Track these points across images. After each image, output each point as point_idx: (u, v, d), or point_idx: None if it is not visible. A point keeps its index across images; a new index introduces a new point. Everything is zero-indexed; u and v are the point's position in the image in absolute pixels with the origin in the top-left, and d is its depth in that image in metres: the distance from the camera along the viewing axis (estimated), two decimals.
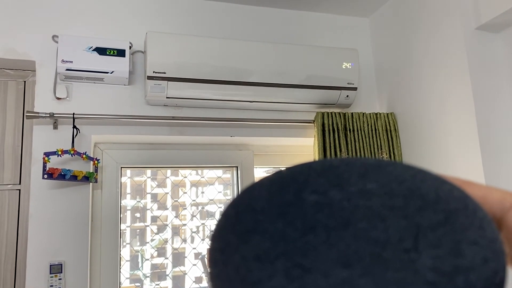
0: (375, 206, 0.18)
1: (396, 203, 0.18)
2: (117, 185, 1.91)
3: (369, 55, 2.33)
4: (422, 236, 0.17)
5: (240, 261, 0.17)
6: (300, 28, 2.23)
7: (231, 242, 0.18)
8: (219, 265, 0.18)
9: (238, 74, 1.85)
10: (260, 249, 0.17)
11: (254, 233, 0.18)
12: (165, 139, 1.96)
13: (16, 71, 1.86)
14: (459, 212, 0.18)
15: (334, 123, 1.99)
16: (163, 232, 2.05)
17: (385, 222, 0.17)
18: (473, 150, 1.65)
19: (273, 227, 0.18)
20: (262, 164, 2.22)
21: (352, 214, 0.17)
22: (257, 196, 0.19)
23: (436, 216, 0.17)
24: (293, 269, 0.16)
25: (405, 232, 0.17)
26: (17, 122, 1.82)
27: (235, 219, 0.19)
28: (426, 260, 0.16)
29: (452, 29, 1.76)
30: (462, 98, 1.71)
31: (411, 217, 0.17)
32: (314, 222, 0.18)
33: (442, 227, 0.17)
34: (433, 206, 0.18)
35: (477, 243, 0.17)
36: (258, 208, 0.19)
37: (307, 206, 0.18)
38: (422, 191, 0.18)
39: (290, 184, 0.19)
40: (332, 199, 0.18)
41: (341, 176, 0.19)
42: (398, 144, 2.05)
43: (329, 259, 0.17)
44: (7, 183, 1.77)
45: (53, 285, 1.62)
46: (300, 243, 0.17)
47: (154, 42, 1.75)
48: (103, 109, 1.83)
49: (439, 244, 0.17)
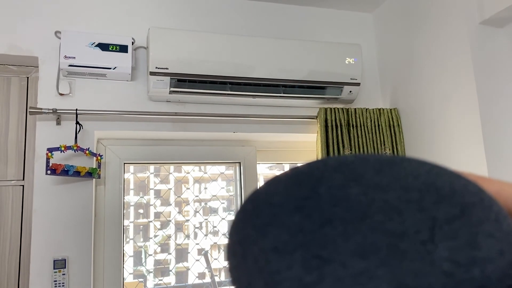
0: (391, 199, 0.18)
1: (412, 197, 0.18)
2: (120, 181, 1.92)
3: (372, 51, 2.32)
4: (438, 229, 0.17)
5: (258, 253, 0.18)
6: (304, 23, 2.22)
7: (250, 235, 0.19)
8: (238, 257, 0.19)
9: (241, 69, 1.84)
10: (278, 241, 0.18)
11: (272, 226, 0.18)
12: (168, 135, 1.97)
13: (19, 67, 1.86)
14: (474, 205, 0.18)
15: (337, 119, 1.98)
16: (166, 228, 2.05)
17: (401, 215, 0.17)
18: (476, 145, 1.65)
19: (290, 220, 0.18)
20: (265, 160, 2.22)
21: (369, 207, 0.18)
22: (274, 191, 0.20)
23: (452, 209, 0.18)
24: (311, 260, 0.17)
25: (421, 224, 0.17)
26: (20, 118, 1.83)
27: (253, 213, 0.19)
28: (443, 252, 0.17)
29: (456, 24, 1.75)
30: (466, 94, 1.70)
31: (427, 210, 0.18)
32: (331, 215, 0.18)
33: (458, 220, 0.17)
34: (449, 199, 0.18)
35: (493, 235, 0.17)
36: (276, 202, 0.19)
37: (324, 200, 0.19)
38: (437, 185, 0.19)
39: (306, 179, 0.20)
40: (348, 193, 0.18)
41: (357, 171, 0.19)
42: (401, 140, 2.04)
43: (346, 250, 0.17)
44: (10, 179, 1.77)
45: (56, 280, 1.63)
46: (318, 235, 0.17)
47: (157, 38, 1.75)
48: (106, 105, 1.83)
49: (455, 236, 0.17)
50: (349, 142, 1.98)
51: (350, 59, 1.98)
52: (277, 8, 2.20)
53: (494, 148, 1.62)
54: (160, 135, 1.96)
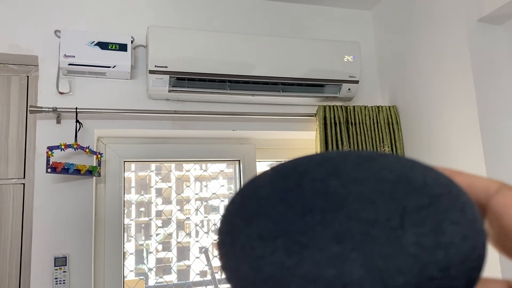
0: (366, 191, 0.20)
1: (385, 188, 0.20)
2: (120, 179, 1.93)
3: (371, 48, 2.32)
4: (408, 217, 0.19)
5: (245, 241, 0.20)
6: (303, 21, 2.23)
7: (237, 225, 0.20)
8: (227, 246, 0.20)
9: (240, 68, 1.85)
10: (263, 230, 0.20)
11: (258, 217, 0.20)
12: (168, 133, 1.97)
13: (19, 66, 1.87)
14: (443, 196, 0.20)
15: (336, 117, 1.99)
16: (167, 227, 2.07)
17: (375, 205, 0.19)
18: (474, 142, 1.65)
19: (274, 210, 0.20)
20: (264, 157, 2.23)
21: (346, 198, 0.20)
22: (261, 184, 0.21)
23: (421, 199, 0.19)
24: (292, 246, 0.19)
25: (392, 213, 0.19)
26: (20, 116, 1.84)
27: (241, 205, 0.21)
28: (410, 237, 0.18)
29: (454, 21, 1.75)
30: (464, 91, 1.70)
31: (398, 200, 0.19)
32: (312, 205, 0.20)
33: (426, 209, 0.19)
34: (419, 191, 0.20)
35: (458, 223, 0.19)
36: (262, 194, 0.21)
37: (306, 192, 0.20)
38: (410, 178, 0.20)
39: (291, 173, 0.21)
40: (328, 185, 0.20)
41: (338, 166, 0.21)
42: (400, 137, 2.05)
43: (324, 236, 0.19)
44: (11, 177, 1.79)
45: (57, 277, 1.64)
46: (299, 223, 0.19)
47: (156, 37, 1.76)
48: (105, 103, 1.84)
49: (422, 223, 0.18)
50: (348, 140, 1.99)
51: (349, 57, 1.98)
52: (276, 6, 2.20)
53: (492, 145, 1.63)
54: (160, 133, 1.97)
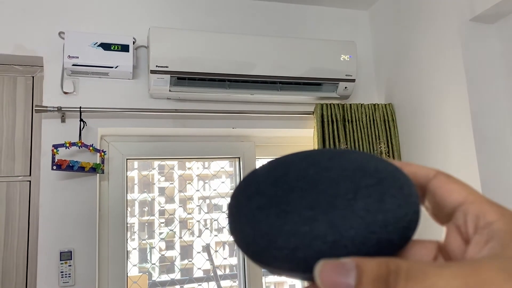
0: (333, 176, 0.27)
1: (346, 174, 0.27)
2: (123, 176, 1.98)
3: (368, 47, 2.37)
4: (360, 192, 0.26)
5: (247, 210, 0.27)
6: (300, 21, 2.28)
7: (242, 200, 0.28)
8: (234, 215, 0.28)
9: (239, 67, 1.90)
10: (260, 203, 0.27)
11: (256, 195, 0.28)
12: (169, 131, 2.03)
13: (24, 67, 1.93)
14: (387, 178, 0.27)
15: (333, 114, 2.03)
16: (171, 225, 2.11)
17: (338, 184, 0.27)
18: (467, 138, 1.70)
19: (268, 190, 0.27)
20: (263, 155, 2.28)
21: (318, 180, 0.27)
22: (259, 173, 0.29)
23: (371, 180, 0.27)
24: (280, 213, 0.26)
25: (349, 189, 0.26)
26: (26, 116, 1.89)
27: (245, 187, 0.29)
28: (361, 205, 0.25)
29: (447, 21, 1.80)
30: (457, 89, 1.75)
31: (354, 182, 0.27)
32: (294, 186, 0.27)
33: (374, 186, 0.26)
34: (370, 175, 0.27)
35: (396, 196, 0.26)
36: (260, 180, 0.28)
37: (291, 177, 0.28)
38: (365, 167, 0.28)
39: (281, 165, 0.29)
40: (307, 173, 0.28)
41: (315, 159, 0.29)
42: (396, 134, 2.10)
43: (301, 206, 0.26)
44: (18, 175, 1.84)
45: (63, 271, 1.70)
46: (285, 198, 0.27)
47: (157, 37, 1.81)
48: (108, 102, 1.89)
49: (370, 196, 0.26)
50: (345, 137, 2.03)
51: (345, 56, 2.03)
52: (274, 7, 2.25)
53: (483, 140, 1.67)
54: (161, 131, 2.02)
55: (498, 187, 1.65)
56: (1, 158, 1.83)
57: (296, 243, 0.25)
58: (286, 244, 0.25)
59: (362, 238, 0.24)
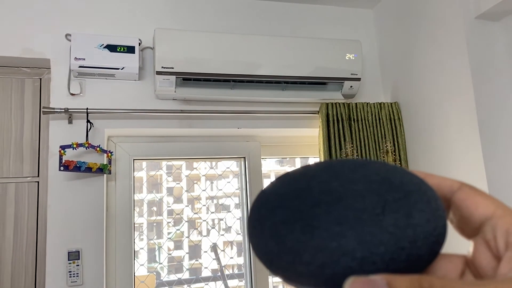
0: (358, 188, 0.27)
1: (372, 187, 0.27)
2: (130, 176, 2.00)
3: (373, 46, 2.36)
4: (388, 206, 0.26)
5: (271, 225, 0.26)
6: (305, 21, 2.28)
7: (264, 214, 0.27)
8: (257, 229, 0.27)
9: (244, 67, 1.91)
10: (284, 217, 0.26)
11: (279, 208, 0.27)
12: (175, 131, 2.04)
13: (32, 69, 1.95)
14: (414, 192, 0.27)
15: (339, 114, 2.03)
16: (179, 225, 2.12)
17: (364, 198, 0.26)
18: (473, 137, 1.69)
19: (292, 203, 0.26)
20: (269, 154, 2.28)
21: (344, 194, 0.26)
22: (280, 185, 0.28)
23: (398, 194, 0.26)
24: (306, 227, 0.25)
25: (376, 204, 0.26)
26: (34, 117, 1.92)
27: (266, 200, 0.28)
28: (389, 220, 0.25)
29: (453, 19, 1.79)
30: (463, 87, 1.74)
31: (381, 195, 0.26)
32: (319, 199, 0.26)
33: (401, 200, 0.26)
34: (397, 188, 0.27)
35: (423, 210, 0.26)
36: (281, 192, 0.28)
37: (314, 190, 0.27)
38: (391, 179, 0.27)
39: (302, 177, 0.28)
40: (331, 185, 0.27)
41: (337, 170, 0.28)
42: (402, 133, 2.09)
43: (328, 221, 0.25)
44: (26, 176, 1.87)
45: (71, 271, 1.72)
46: (310, 212, 0.26)
47: (162, 39, 1.82)
48: (115, 103, 1.91)
49: (398, 210, 0.25)
50: (350, 136, 2.03)
51: (351, 55, 2.03)
52: (279, 7, 2.25)
53: (489, 139, 1.66)
54: (167, 132, 2.03)
55: (506, 186, 1.63)
56: (10, 159, 1.86)
57: (324, 259, 0.24)
58: (313, 260, 0.24)
59: (392, 254, 0.24)
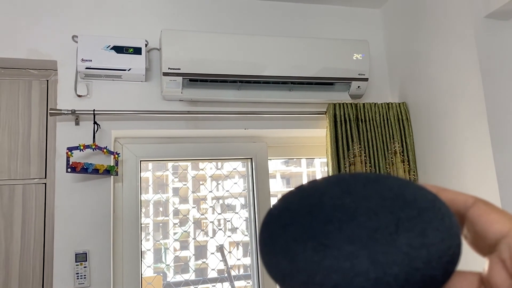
0: (371, 205, 0.26)
1: (386, 204, 0.26)
2: (136, 177, 2.00)
3: (381, 46, 2.35)
4: (401, 224, 0.25)
5: (283, 243, 0.26)
6: (312, 21, 2.27)
7: (276, 231, 0.27)
8: (269, 246, 0.27)
9: (251, 68, 1.90)
10: (296, 234, 0.26)
11: (291, 225, 0.26)
12: (182, 132, 2.03)
13: (39, 70, 1.95)
14: (428, 209, 0.26)
15: (346, 114, 2.02)
16: (185, 226, 2.12)
17: (377, 216, 0.25)
18: (483, 137, 1.67)
19: (304, 220, 0.26)
20: (276, 155, 2.27)
21: (356, 211, 0.26)
22: (291, 201, 0.28)
23: (411, 212, 0.26)
24: (318, 246, 0.25)
25: (390, 222, 0.25)
26: (41, 119, 1.92)
27: (277, 216, 0.27)
28: (403, 239, 0.24)
29: (462, 18, 1.77)
30: (472, 87, 1.72)
31: (395, 213, 0.26)
32: (331, 216, 0.26)
33: (415, 218, 0.25)
34: (410, 205, 0.26)
35: (438, 229, 0.25)
36: (293, 208, 0.27)
37: (326, 206, 0.26)
38: (404, 195, 0.27)
39: (314, 192, 0.28)
40: (343, 201, 0.26)
41: (350, 186, 0.27)
42: (410, 134, 2.07)
43: (341, 239, 0.25)
44: (33, 177, 1.87)
45: (78, 272, 1.72)
46: (322, 230, 0.25)
47: (169, 40, 1.82)
48: (122, 105, 1.91)
49: (412, 229, 0.25)
50: (358, 137, 2.02)
51: (358, 55, 2.01)
52: (285, 7, 2.24)
53: (500, 139, 1.65)
54: (174, 133, 2.03)
55: None
56: (17, 161, 1.86)
57: (337, 280, 0.24)
58: (326, 280, 0.24)
59: (406, 275, 0.24)
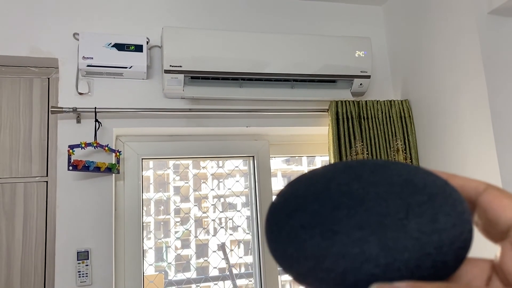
0: (380, 191, 0.25)
1: (395, 190, 0.26)
2: (138, 175, 1.99)
3: (383, 43, 2.34)
4: (411, 210, 0.25)
5: (290, 229, 0.25)
6: (314, 18, 2.26)
7: (282, 218, 0.26)
8: (275, 233, 0.26)
9: (253, 65, 1.89)
10: (303, 221, 0.25)
11: (298, 212, 0.26)
12: (183, 130, 2.03)
13: (40, 68, 1.95)
14: (438, 194, 0.25)
15: (348, 111, 2.01)
16: (186, 224, 2.12)
17: (387, 202, 0.25)
18: (486, 134, 1.66)
19: (311, 207, 0.26)
20: (278, 153, 2.26)
21: (365, 197, 0.25)
22: (298, 187, 0.27)
23: (422, 197, 0.25)
24: (326, 232, 0.24)
25: (400, 207, 0.25)
26: (42, 117, 1.91)
27: (284, 203, 0.27)
28: (413, 225, 0.24)
29: (465, 14, 1.76)
30: (475, 84, 1.71)
31: (404, 198, 0.25)
32: (339, 203, 0.25)
33: (425, 204, 0.25)
34: (420, 191, 0.26)
35: (449, 214, 0.25)
36: (300, 195, 0.27)
37: (334, 192, 0.26)
38: (414, 181, 0.26)
39: (321, 178, 0.27)
40: (351, 187, 0.26)
41: (357, 172, 0.27)
42: (412, 131, 2.06)
43: (349, 225, 0.24)
44: (35, 175, 1.86)
45: (80, 270, 1.71)
46: (330, 216, 0.25)
47: (170, 37, 1.81)
48: (123, 103, 1.90)
49: (422, 215, 0.24)
50: (361, 134, 2.01)
51: (360, 52, 2.01)
52: (287, 4, 2.23)
53: (504, 137, 1.64)
54: (176, 131, 2.02)
55: None
56: (18, 159, 1.86)
57: (346, 266, 0.23)
58: (335, 266, 0.24)
59: (417, 261, 0.23)
